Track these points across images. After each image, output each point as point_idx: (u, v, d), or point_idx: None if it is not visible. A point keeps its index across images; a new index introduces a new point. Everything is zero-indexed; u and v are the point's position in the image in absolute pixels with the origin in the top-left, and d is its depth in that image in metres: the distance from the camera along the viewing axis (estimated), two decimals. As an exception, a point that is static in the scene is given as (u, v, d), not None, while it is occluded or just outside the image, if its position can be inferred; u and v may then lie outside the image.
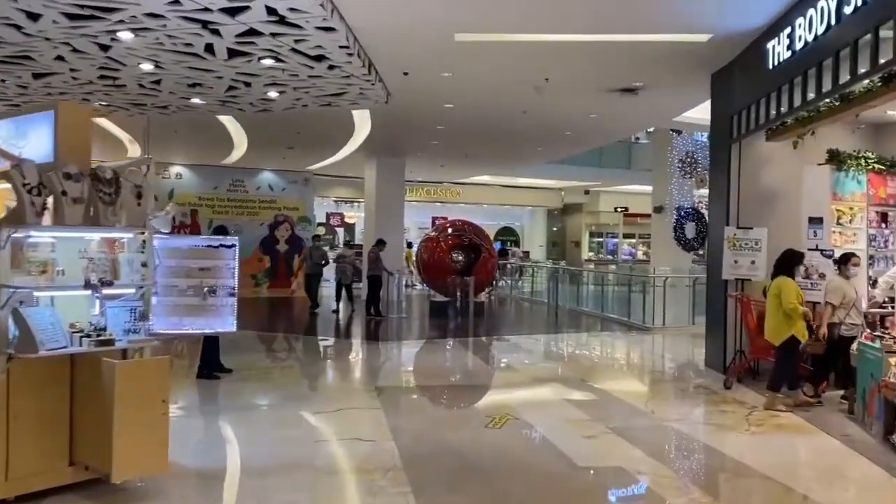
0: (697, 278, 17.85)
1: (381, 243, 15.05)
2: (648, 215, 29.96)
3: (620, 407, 7.33)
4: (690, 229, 20.43)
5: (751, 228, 8.86)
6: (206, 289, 5.04)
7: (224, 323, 5.21)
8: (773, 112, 7.78)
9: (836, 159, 8.64)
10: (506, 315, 17.31)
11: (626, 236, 31.46)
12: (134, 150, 18.56)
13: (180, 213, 7.90)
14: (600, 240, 31.77)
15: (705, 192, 21.25)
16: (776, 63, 7.41)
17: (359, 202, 24.96)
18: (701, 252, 25.61)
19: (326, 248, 15.99)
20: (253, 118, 13.98)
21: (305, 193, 23.47)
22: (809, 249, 8.58)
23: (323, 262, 14.88)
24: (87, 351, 4.26)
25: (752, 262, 8.83)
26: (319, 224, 27.11)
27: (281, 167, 22.55)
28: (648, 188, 25.90)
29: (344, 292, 15.19)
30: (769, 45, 7.55)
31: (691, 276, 15.34)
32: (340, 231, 29.09)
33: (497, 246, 29.10)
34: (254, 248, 22.64)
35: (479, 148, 17.04)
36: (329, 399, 7.31)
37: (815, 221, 8.71)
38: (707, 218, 20.00)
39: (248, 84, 10.22)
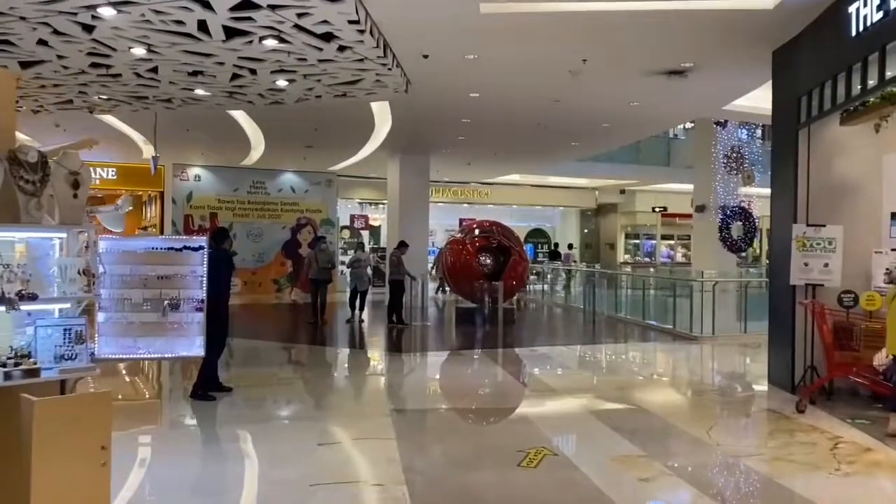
0: (749, 282, 16.60)
1: (403, 245, 14.05)
2: (688, 215, 28.64)
3: (678, 437, 6.20)
4: (737, 229, 19.15)
5: (823, 226, 7.65)
6: (166, 302, 4.05)
7: (189, 345, 4.22)
8: (855, 88, 6.59)
9: (924, 145, 7.41)
10: (537, 323, 16.17)
11: (663, 238, 30.08)
12: (149, 152, 17.82)
13: (128, 204, 6.77)
14: (636, 241, 30.39)
15: (753, 189, 20.05)
16: (861, 28, 6.24)
17: (384, 204, 24.00)
18: (744, 254, 24.34)
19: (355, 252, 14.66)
20: (266, 113, 13.10)
21: (328, 195, 22.65)
22: (893, 249, 7.38)
23: (330, 266, 13.72)
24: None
25: (825, 265, 7.62)
26: (344, 227, 26.23)
27: (302, 168, 21.75)
28: (688, 187, 24.53)
29: (358, 300, 13.91)
30: (852, 9, 6.38)
31: (743, 279, 14.04)
32: (366, 234, 28.20)
33: (528, 249, 28.01)
34: (276, 252, 21.89)
35: (508, 144, 15.96)
36: (336, 426, 6.30)
37: (900, 217, 7.51)
38: (755, 217, 18.82)
39: (253, 72, 9.29)
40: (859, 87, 6.48)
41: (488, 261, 14.98)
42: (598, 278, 17.65)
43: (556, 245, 27.13)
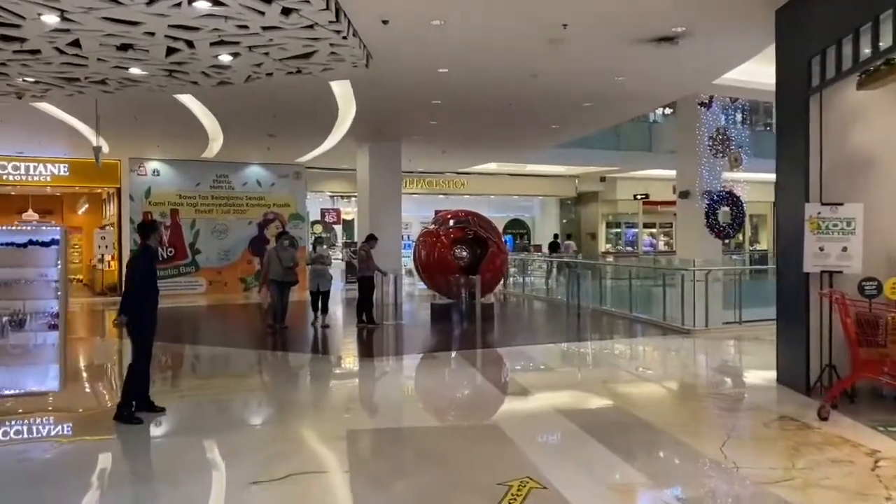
0: (744, 271, 15.74)
1: (371, 239, 12.98)
2: (670, 202, 27.89)
3: (687, 457, 5.23)
4: (724, 215, 18.33)
5: (840, 205, 6.72)
6: (4, 319, 2.98)
7: (41, 376, 3.15)
8: (885, 40, 5.64)
9: (954, 109, 6.50)
10: (518, 318, 15.18)
11: (645, 226, 29.30)
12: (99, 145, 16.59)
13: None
14: (618, 230, 29.58)
15: (736, 174, 19.21)
16: (891, -30, 5.30)
17: (356, 196, 22.93)
18: (727, 241, 23.55)
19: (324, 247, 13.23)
20: (217, 97, 12.01)
21: (296, 188, 21.52)
22: (921, 230, 6.48)
23: (294, 264, 12.17)
24: None
25: (844, 249, 6.70)
26: (315, 222, 25.12)
27: (268, 160, 20.62)
28: (670, 173, 23.70)
29: (321, 301, 12.56)
30: (878, -53, 5.44)
31: (738, 267, 13.16)
32: (338, 228, 27.09)
33: (507, 241, 27.03)
34: (242, 250, 20.74)
35: (483, 128, 14.94)
36: (278, 456, 5.24)
37: (927, 193, 6.60)
38: (742, 201, 17.98)
39: (190, 44, 8.17)
40: (890, 40, 5.53)
41: (464, 253, 13.95)
42: (581, 269, 16.73)
43: (556, 236, 26.19)
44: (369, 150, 16.73)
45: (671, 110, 27.10)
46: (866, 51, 5.98)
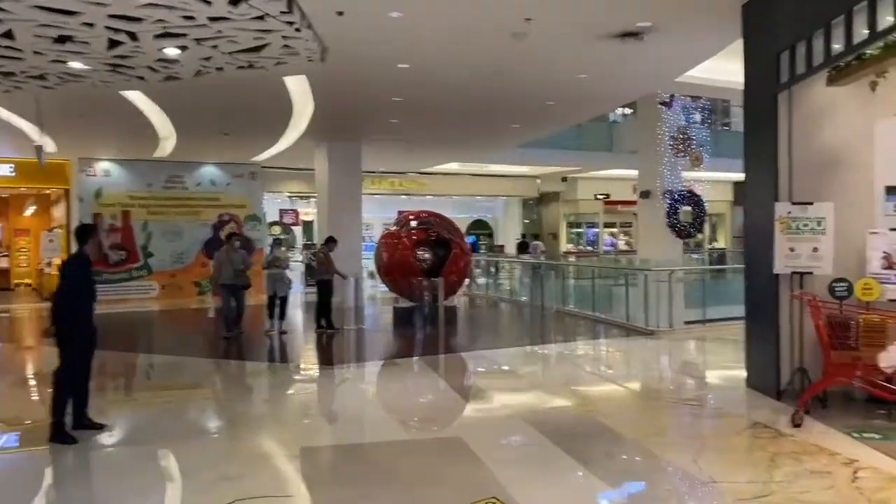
0: (709, 270, 15.70)
1: (330, 241, 12.56)
2: (631, 202, 27.98)
3: (661, 471, 4.98)
4: (686, 214, 18.33)
5: (810, 204, 6.57)
6: None
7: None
8: (859, 35, 5.47)
9: (923, 107, 6.38)
10: (482, 321, 14.90)
11: (606, 225, 29.32)
12: (45, 145, 15.87)
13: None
14: (579, 230, 29.56)
15: (695, 173, 19.23)
16: (864, -39, 5.13)
17: (315, 197, 22.44)
18: (688, 241, 23.62)
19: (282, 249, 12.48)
20: (166, 94, 11.47)
21: (253, 189, 20.93)
22: (892, 229, 6.35)
23: (245, 267, 11.43)
24: None
25: (815, 250, 6.55)
26: (273, 223, 24.54)
27: (223, 160, 20.00)
28: (631, 172, 23.65)
29: (278, 308, 11.86)
30: (851, -62, 5.27)
31: (703, 267, 13.11)
32: (298, 230, 26.54)
33: (470, 241, 26.76)
34: (196, 252, 20.07)
35: (446, 127, 14.63)
36: (225, 478, 4.85)
37: (896, 192, 6.48)
38: (703, 200, 17.98)
39: (133, 36, 7.69)
40: (865, 32, 5.36)
41: (427, 255, 13.61)
42: (545, 270, 16.54)
43: (524, 236, 25.94)
44: (328, 150, 16.29)
45: (631, 110, 27.24)
46: (837, 45, 5.81)
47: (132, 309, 16.89)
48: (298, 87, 11.35)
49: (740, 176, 24.04)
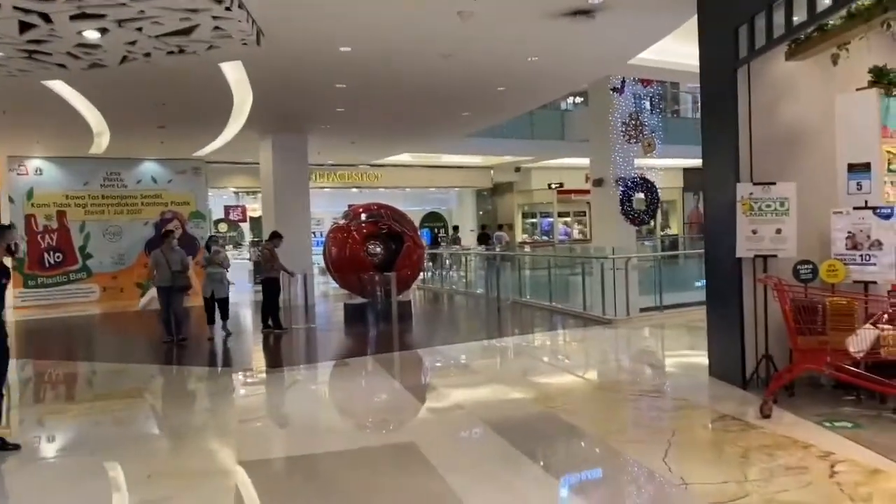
0: (662, 257, 15.56)
1: (275, 237, 11.99)
2: (584, 191, 27.85)
3: (630, 473, 4.65)
4: (639, 201, 18.19)
5: (773, 184, 6.31)
6: None
7: None
8: (822, 4, 5.19)
9: (884, 79, 6.15)
10: (437, 315, 14.50)
11: (560, 215, 29.18)
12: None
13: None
14: (534, 220, 29.37)
15: (647, 160, 19.12)
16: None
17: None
18: (641, 228, 23.58)
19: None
20: (94, 84, 10.77)
21: (196, 185, 20.13)
22: (856, 208, 6.12)
23: (183, 268, 10.63)
24: None
25: (778, 232, 6.29)
26: (219, 221, 23.73)
27: (163, 155, 19.15)
28: (584, 161, 23.47)
29: (218, 310, 11.00)
30: None
31: (658, 253, 12.92)
32: (245, 227, 25.70)
33: (425, 235, 26.31)
34: (138, 252, 19.18)
35: (394, 115, 14.14)
36: (153, 496, 4.35)
37: (859, 169, 6.25)
38: (656, 187, 17.86)
39: (46, 18, 7.04)
40: (828, 1, 5.08)
41: (378, 249, 13.12)
42: (500, 261, 16.20)
43: (484, 227, 25.51)
44: (273, 142, 15.64)
45: (581, 99, 27.12)
46: (798, 17, 5.54)
47: (71, 314, 16.04)
48: (236, 76, 10.74)
49: (691, 162, 24.25)
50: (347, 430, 6.15)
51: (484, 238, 23.80)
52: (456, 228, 24.77)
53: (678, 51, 11.47)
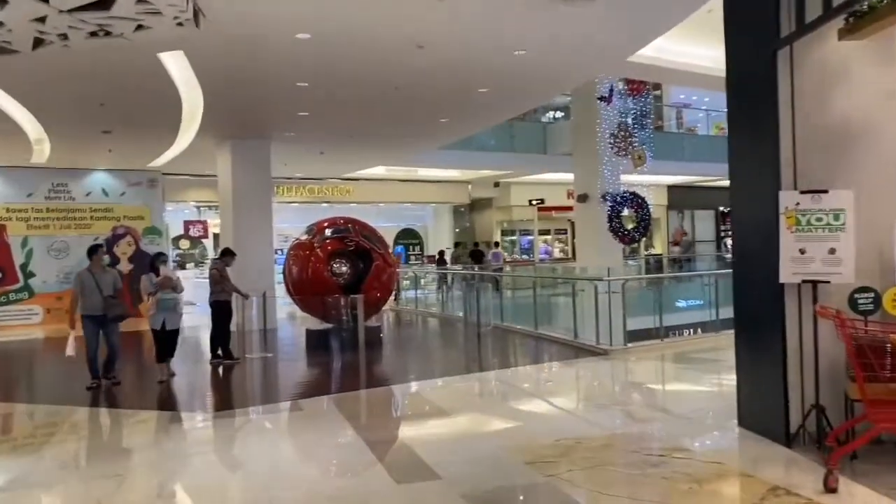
0: (663, 279, 14.37)
1: (227, 255, 10.60)
2: (566, 207, 26.74)
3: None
4: (628, 218, 17.09)
5: (825, 192, 5.07)
6: None
7: None
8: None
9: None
10: (409, 343, 13.09)
11: (540, 233, 28.01)
12: None
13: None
14: (513, 238, 28.16)
15: (633, 177, 18.01)
16: None
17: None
18: (632, 246, 22.45)
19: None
20: (21, 83, 9.40)
21: (151, 198, 18.60)
22: (927, 223, 4.91)
23: (115, 292, 8.77)
24: None
25: (831, 251, 5.05)
26: (179, 237, 22.17)
27: (115, 166, 17.63)
28: (566, 176, 22.34)
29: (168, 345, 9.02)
30: None
31: (663, 275, 11.72)
32: (209, 244, 24.13)
33: (399, 251, 24.95)
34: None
35: (365, 123, 12.82)
36: None
37: (930, 175, 5.05)
38: (647, 203, 16.75)
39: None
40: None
41: (344, 268, 11.74)
42: (480, 282, 14.90)
43: (477, 244, 24.28)
44: (231, 150, 14.24)
45: (562, 114, 26.10)
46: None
47: (9, 338, 14.46)
48: (181, 71, 9.37)
49: (675, 179, 23.12)
50: (290, 505, 4.74)
51: (477, 256, 22.51)
52: (442, 253, 23.50)
53: (680, 50, 10.37)
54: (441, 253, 23.48)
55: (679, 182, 28.06)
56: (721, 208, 31.51)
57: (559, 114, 26.08)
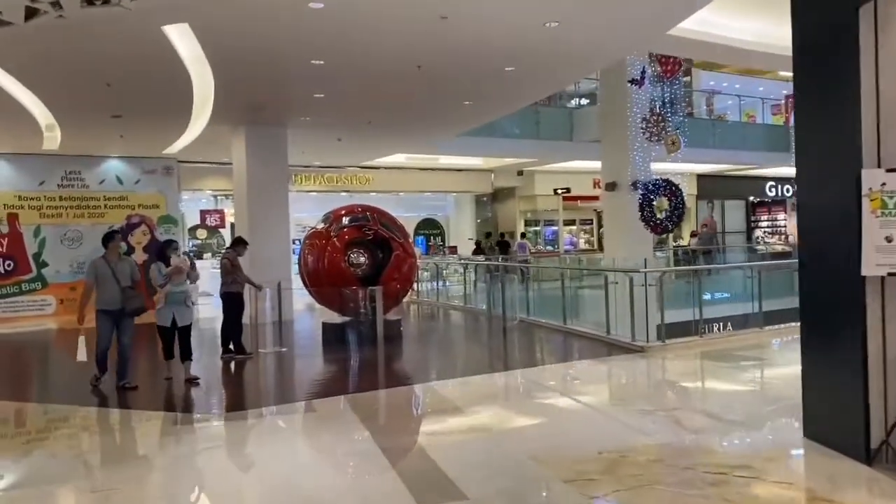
0: (700, 270, 13.59)
1: (238, 244, 10.04)
2: (591, 197, 25.97)
3: None
4: (661, 207, 16.29)
5: (917, 170, 4.36)
6: None
7: None
8: None
9: None
10: (431, 338, 12.45)
11: (565, 223, 27.24)
12: None
13: None
14: (537, 228, 27.38)
15: (665, 165, 17.21)
16: None
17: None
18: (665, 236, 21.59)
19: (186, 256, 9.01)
20: (25, 65, 8.94)
21: (167, 186, 18.14)
22: None
23: (133, 283, 7.92)
24: None
25: (924, 240, 4.33)
26: (195, 227, 21.70)
27: (129, 153, 17.18)
28: (592, 164, 21.56)
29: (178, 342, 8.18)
30: None
31: (700, 267, 11.03)
32: (227, 233, 23.69)
33: (419, 243, 24.35)
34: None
35: (383, 104, 12.16)
36: None
37: None
38: (681, 191, 15.95)
39: None
40: None
41: (362, 259, 11.13)
42: (504, 273, 14.23)
43: (503, 235, 23.74)
44: (246, 135, 13.68)
45: (588, 101, 25.25)
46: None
47: (22, 329, 14.10)
48: (189, 50, 8.79)
49: (705, 168, 22.09)
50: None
51: (504, 246, 21.87)
52: (479, 243, 22.99)
53: (724, 23, 9.60)
54: (479, 243, 23.00)
55: (709, 171, 27.15)
56: (751, 198, 30.54)
57: (584, 101, 25.27)
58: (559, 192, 24.71)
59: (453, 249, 24.71)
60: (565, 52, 9.13)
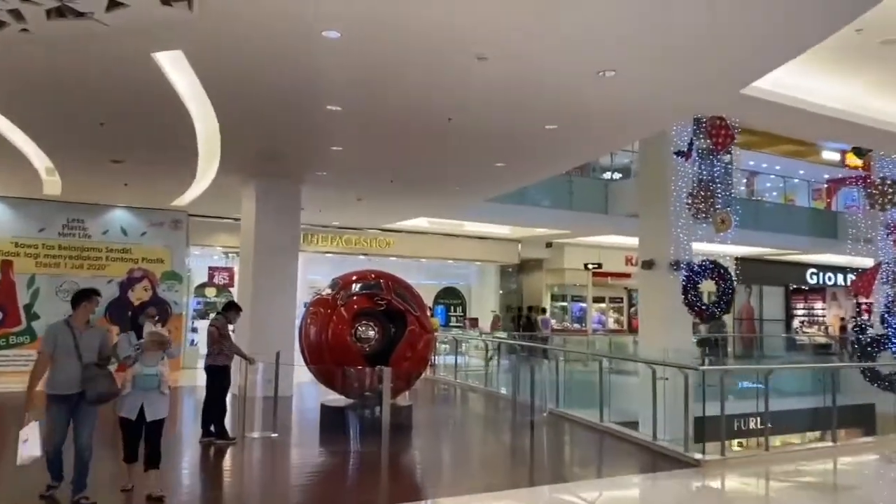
0: (773, 371, 11.79)
1: (230, 309, 8.73)
2: (623, 275, 24.56)
3: None
4: (708, 291, 14.82)
5: None
6: None
7: None
8: None
9: None
10: (446, 432, 10.82)
11: (594, 300, 25.73)
12: None
13: None
14: (564, 304, 25.87)
15: (706, 246, 15.79)
16: None
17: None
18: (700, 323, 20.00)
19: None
20: (14, 101, 7.90)
21: (174, 240, 17.09)
22: None
23: (103, 360, 5.99)
24: None
25: None
26: (202, 286, 20.44)
27: (137, 203, 16.20)
28: (625, 240, 20.27)
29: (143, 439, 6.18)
30: None
31: (778, 367, 9.62)
32: (236, 293, 22.48)
33: (439, 312, 22.94)
34: (98, 317, 15.93)
35: (406, 160, 11.00)
36: None
37: None
38: (731, 274, 14.48)
39: None
40: None
41: (371, 332, 9.69)
42: (531, 355, 12.73)
43: (531, 309, 22.57)
44: (256, 188, 12.55)
45: (620, 175, 24.13)
46: None
47: (5, 386, 12.76)
48: (187, 86, 7.70)
49: (745, 250, 20.36)
50: None
51: (528, 324, 20.53)
52: (529, 317, 21.87)
53: (805, 86, 8.34)
54: (528, 317, 21.87)
55: (750, 254, 25.67)
56: (791, 284, 28.89)
57: (616, 175, 24.17)
58: (590, 267, 23.33)
59: (474, 322, 23.23)
60: (618, 110, 7.88)
